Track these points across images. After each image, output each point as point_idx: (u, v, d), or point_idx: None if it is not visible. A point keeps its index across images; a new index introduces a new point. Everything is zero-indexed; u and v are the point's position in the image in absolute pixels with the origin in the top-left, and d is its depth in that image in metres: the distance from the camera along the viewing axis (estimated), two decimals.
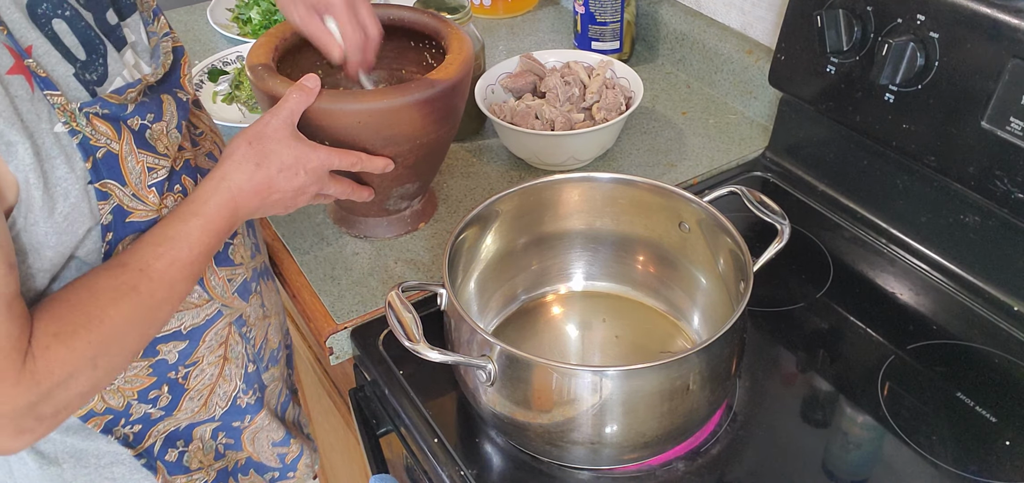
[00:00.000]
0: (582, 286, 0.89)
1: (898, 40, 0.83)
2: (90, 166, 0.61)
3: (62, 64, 0.60)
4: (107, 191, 0.63)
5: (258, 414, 0.87)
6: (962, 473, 0.70)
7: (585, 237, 0.87)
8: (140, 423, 0.76)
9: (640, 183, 0.81)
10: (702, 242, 0.80)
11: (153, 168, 0.67)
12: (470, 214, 0.77)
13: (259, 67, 0.85)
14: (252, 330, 0.83)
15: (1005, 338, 0.82)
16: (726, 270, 0.77)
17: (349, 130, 0.82)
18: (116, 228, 0.65)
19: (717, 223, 0.76)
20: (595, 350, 0.85)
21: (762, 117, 1.16)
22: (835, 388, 0.78)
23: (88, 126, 0.61)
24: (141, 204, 0.67)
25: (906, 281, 0.90)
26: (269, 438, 0.89)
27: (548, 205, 0.84)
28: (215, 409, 0.82)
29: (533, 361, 0.65)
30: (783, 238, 0.75)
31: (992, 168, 0.81)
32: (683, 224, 0.80)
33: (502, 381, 0.67)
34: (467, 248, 0.79)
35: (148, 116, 0.67)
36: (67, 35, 0.60)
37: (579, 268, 0.89)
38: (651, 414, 0.66)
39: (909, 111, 0.87)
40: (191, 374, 0.77)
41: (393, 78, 1.02)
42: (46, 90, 0.58)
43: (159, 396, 0.76)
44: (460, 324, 0.69)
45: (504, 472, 0.72)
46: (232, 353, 0.81)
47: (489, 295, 0.85)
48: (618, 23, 1.26)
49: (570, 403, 0.65)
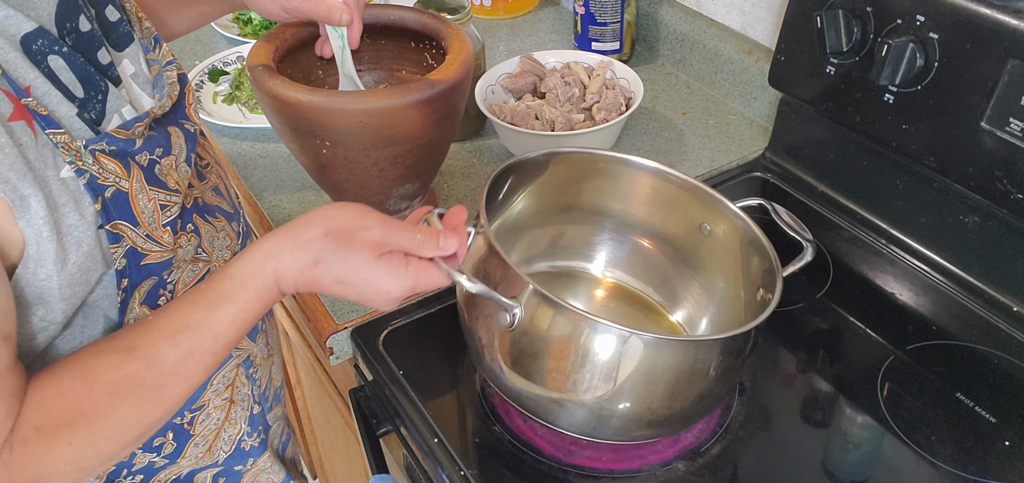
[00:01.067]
0: (602, 272, 0.88)
1: (898, 41, 0.84)
2: (99, 207, 0.57)
3: (64, 103, 0.56)
4: (119, 233, 0.59)
5: (261, 456, 0.83)
6: (961, 473, 0.70)
7: (617, 223, 0.86)
8: (142, 474, 0.72)
9: (682, 181, 0.81)
10: (722, 248, 0.79)
11: (166, 205, 0.62)
12: (515, 158, 0.76)
13: (259, 68, 0.85)
14: (258, 371, 0.80)
15: (1005, 338, 0.82)
16: (744, 280, 0.76)
17: (349, 130, 0.82)
18: (131, 273, 0.61)
19: (747, 231, 0.75)
20: None
21: (762, 118, 1.16)
22: (835, 388, 0.79)
23: (95, 165, 0.57)
24: (156, 245, 0.62)
25: (906, 281, 0.90)
26: (269, 480, 0.86)
27: (591, 180, 0.83)
28: (219, 454, 0.78)
29: (564, 305, 0.63)
30: (807, 254, 0.74)
31: (992, 169, 0.81)
32: (704, 226, 0.80)
33: (523, 328, 0.65)
34: (504, 194, 0.77)
35: (156, 151, 0.62)
36: (64, 72, 0.57)
37: (603, 252, 0.88)
38: (665, 391, 0.65)
39: (909, 112, 0.87)
40: (197, 419, 0.73)
41: (393, 78, 1.02)
42: (49, 129, 0.54)
43: (164, 444, 0.72)
44: (492, 262, 0.67)
45: (504, 472, 0.72)
46: (238, 395, 0.77)
47: (508, 249, 0.83)
48: (618, 24, 1.26)
49: (589, 360, 0.63)
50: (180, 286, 0.67)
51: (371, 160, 0.85)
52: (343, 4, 0.84)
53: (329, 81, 0.99)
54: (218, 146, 1.15)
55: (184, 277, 0.68)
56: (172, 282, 0.66)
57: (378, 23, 0.96)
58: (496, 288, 0.65)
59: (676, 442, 0.73)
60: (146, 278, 0.63)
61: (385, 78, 1.02)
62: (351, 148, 0.84)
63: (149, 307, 0.64)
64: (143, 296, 0.63)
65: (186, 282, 0.68)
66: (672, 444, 0.73)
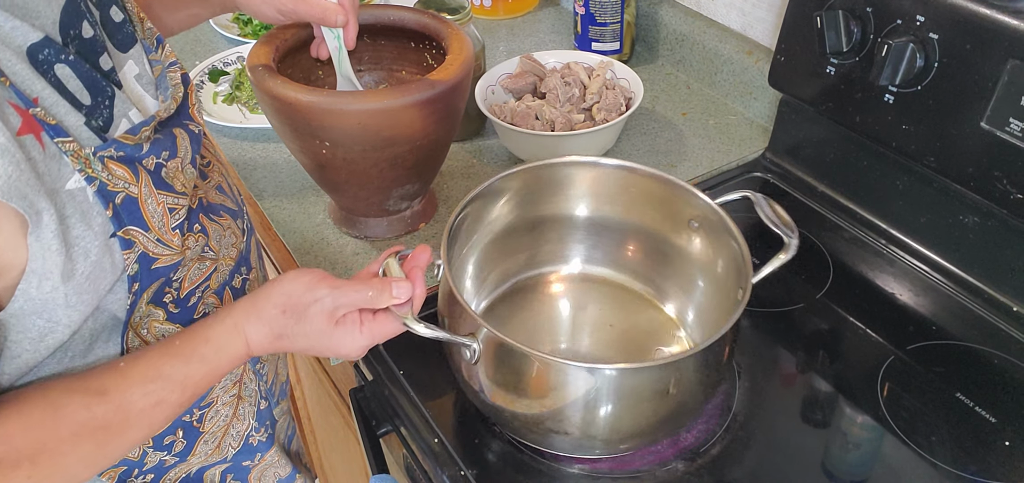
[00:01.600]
0: (580, 270, 0.89)
1: (898, 41, 0.84)
2: (111, 214, 0.57)
3: (72, 113, 0.56)
4: (131, 239, 0.59)
5: (268, 451, 0.84)
6: (961, 473, 0.70)
7: (588, 223, 0.86)
8: (153, 473, 0.73)
9: (646, 172, 0.81)
10: (706, 241, 0.80)
11: (174, 209, 0.63)
12: (475, 190, 0.77)
13: (259, 68, 0.85)
14: (265, 367, 0.81)
15: (1005, 339, 0.82)
16: (726, 273, 0.77)
17: (349, 131, 0.82)
18: (142, 278, 0.62)
19: (723, 224, 0.75)
20: (585, 335, 0.85)
21: (762, 118, 1.16)
22: (835, 388, 0.79)
23: (104, 171, 0.57)
24: (166, 248, 0.63)
25: (906, 282, 0.90)
26: (276, 474, 0.87)
27: (553, 187, 0.84)
28: (228, 450, 0.79)
29: (515, 347, 0.64)
30: (789, 251, 0.72)
31: (991, 169, 0.81)
32: (692, 222, 0.80)
33: (485, 362, 0.67)
34: (470, 224, 0.79)
35: (163, 154, 0.63)
36: (71, 79, 0.56)
37: (579, 252, 0.89)
38: (633, 412, 0.66)
39: (909, 112, 0.87)
40: (206, 416, 0.74)
41: (393, 79, 1.02)
42: (57, 138, 0.54)
43: (174, 442, 0.73)
44: (452, 301, 0.69)
45: (505, 472, 0.72)
46: (246, 391, 0.78)
47: (488, 271, 0.85)
48: (618, 24, 1.26)
49: (553, 392, 0.65)
50: (186, 283, 0.68)
51: (371, 160, 0.85)
52: (338, 6, 0.84)
53: (329, 81, 0.99)
54: (218, 146, 1.15)
55: (190, 274, 0.68)
56: (178, 279, 0.67)
57: (378, 23, 0.96)
58: (460, 325, 0.68)
59: (676, 442, 0.73)
60: (155, 280, 0.63)
61: (385, 78, 1.02)
62: (351, 148, 0.84)
63: (155, 306, 0.65)
64: (150, 296, 0.64)
65: (193, 279, 0.68)
66: (672, 444, 0.73)
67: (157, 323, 0.66)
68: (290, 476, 0.89)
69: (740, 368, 0.80)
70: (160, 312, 0.66)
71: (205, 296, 0.70)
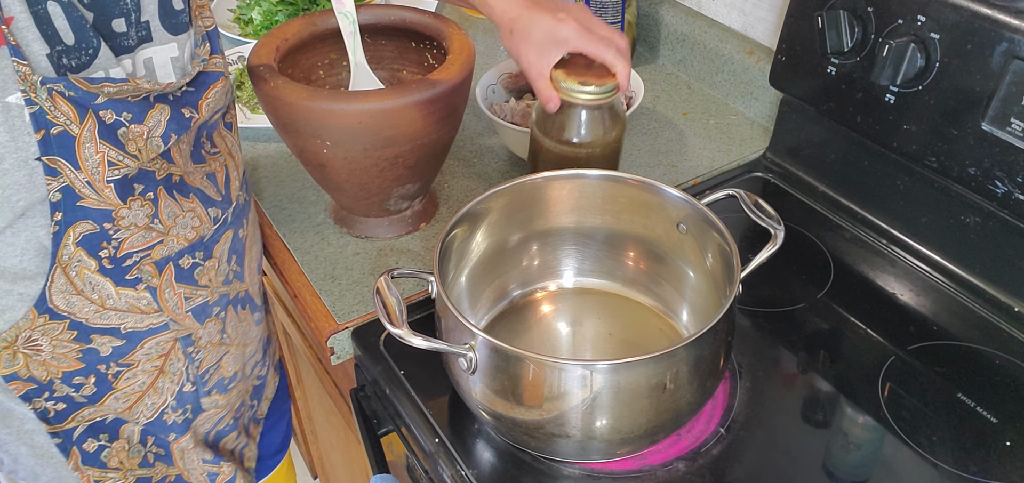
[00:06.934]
0: (573, 282, 0.89)
1: (899, 41, 0.83)
2: (40, 138, 0.61)
3: (39, 42, 0.60)
4: (57, 168, 0.63)
5: (182, 436, 0.85)
6: (963, 474, 0.70)
7: (576, 234, 0.86)
8: (64, 403, 0.75)
9: (629, 180, 0.81)
10: (696, 242, 0.80)
11: (115, 163, 0.66)
12: (462, 210, 0.77)
13: (260, 68, 0.85)
14: (200, 353, 0.82)
15: (1006, 339, 0.82)
16: (718, 271, 0.77)
17: (350, 130, 0.82)
18: (66, 210, 0.65)
19: (708, 222, 0.76)
20: (586, 347, 0.85)
21: (763, 118, 1.16)
22: (836, 389, 0.78)
23: (49, 101, 0.61)
24: (94, 194, 0.66)
25: (907, 282, 0.90)
26: (200, 456, 0.87)
27: (540, 202, 0.84)
28: (140, 416, 0.80)
29: (510, 352, 0.65)
30: (776, 242, 0.74)
31: (993, 169, 0.81)
32: (681, 225, 0.80)
33: (482, 371, 0.67)
34: (459, 244, 0.79)
35: (124, 115, 0.65)
36: (58, 18, 0.60)
37: (570, 265, 0.88)
38: (630, 410, 0.65)
39: (910, 112, 0.87)
40: (123, 375, 0.76)
41: (394, 78, 1.02)
42: (13, 57, 0.58)
43: (83, 384, 0.75)
44: (446, 313, 0.69)
45: (505, 472, 0.72)
46: (171, 368, 0.79)
47: (480, 291, 0.85)
48: (618, 24, 1.26)
49: (551, 394, 0.65)
50: (125, 245, 0.70)
51: (371, 160, 0.85)
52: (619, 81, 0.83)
53: (330, 81, 0.99)
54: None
55: (133, 239, 0.70)
56: (117, 240, 0.69)
57: (379, 23, 0.96)
58: (454, 336, 0.68)
59: (676, 442, 0.73)
60: (82, 219, 0.66)
61: (386, 78, 1.02)
62: (351, 148, 0.84)
63: (86, 251, 0.68)
64: (79, 237, 0.67)
65: (134, 244, 0.71)
66: (672, 444, 0.73)
67: (88, 271, 0.69)
68: (214, 459, 0.89)
69: (741, 368, 0.80)
70: (92, 262, 0.69)
71: (143, 263, 0.72)
